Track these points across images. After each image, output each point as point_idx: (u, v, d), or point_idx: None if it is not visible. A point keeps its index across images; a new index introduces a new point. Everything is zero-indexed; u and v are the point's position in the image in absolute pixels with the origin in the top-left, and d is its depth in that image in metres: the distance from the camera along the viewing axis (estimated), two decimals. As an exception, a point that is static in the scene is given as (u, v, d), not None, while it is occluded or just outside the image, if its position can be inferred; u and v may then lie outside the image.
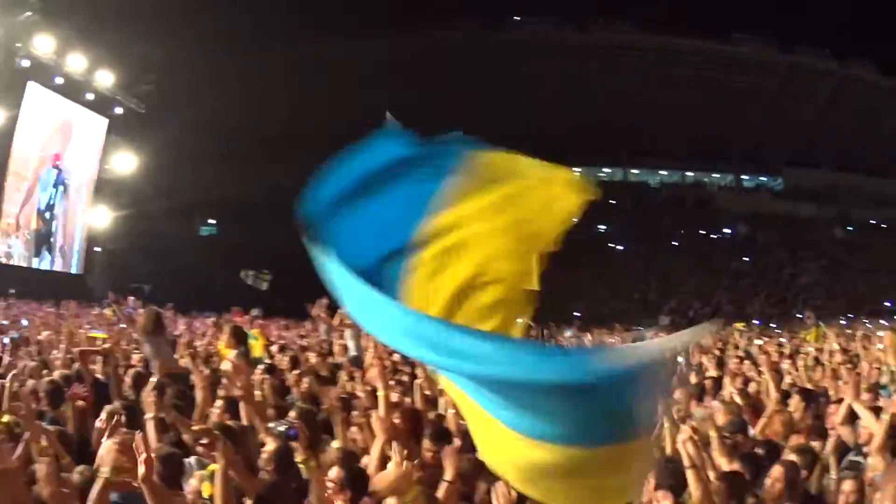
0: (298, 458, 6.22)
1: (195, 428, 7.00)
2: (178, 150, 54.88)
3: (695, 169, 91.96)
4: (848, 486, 5.91)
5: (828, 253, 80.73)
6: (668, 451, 6.78)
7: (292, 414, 7.66)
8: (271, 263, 36.07)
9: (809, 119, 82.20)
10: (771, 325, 48.38)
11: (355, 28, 67.50)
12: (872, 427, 6.81)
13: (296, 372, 11.27)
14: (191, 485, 6.27)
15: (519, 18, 77.95)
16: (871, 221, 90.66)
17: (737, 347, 19.82)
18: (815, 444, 7.45)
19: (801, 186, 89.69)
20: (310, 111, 67.05)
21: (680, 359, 17.54)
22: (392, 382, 9.15)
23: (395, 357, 11.62)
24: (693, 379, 12.69)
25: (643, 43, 78.55)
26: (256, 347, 13.96)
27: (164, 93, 50.75)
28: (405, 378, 10.73)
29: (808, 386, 10.95)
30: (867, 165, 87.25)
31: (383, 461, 6.30)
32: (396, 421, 7.47)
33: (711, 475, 5.93)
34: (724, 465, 6.57)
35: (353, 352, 15.08)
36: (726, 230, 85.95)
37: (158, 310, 13.71)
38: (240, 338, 12.46)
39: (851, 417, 7.52)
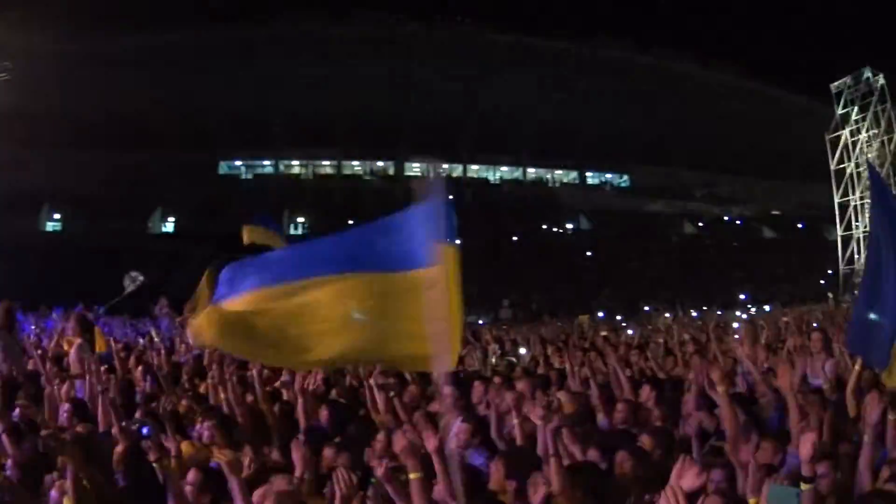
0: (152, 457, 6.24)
1: (43, 434, 6.98)
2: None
3: (537, 165, 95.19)
4: (716, 474, 5.92)
5: (677, 248, 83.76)
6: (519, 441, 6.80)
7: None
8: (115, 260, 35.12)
9: (660, 118, 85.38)
10: (617, 317, 49.69)
11: (178, 19, 67.18)
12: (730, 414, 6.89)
13: (140, 370, 11.64)
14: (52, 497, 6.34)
15: (351, 13, 79.28)
16: (725, 218, 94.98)
17: (583, 339, 20.06)
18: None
19: (649, 184, 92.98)
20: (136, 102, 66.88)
21: (523, 351, 17.66)
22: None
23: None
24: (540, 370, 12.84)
25: (491, 40, 79.87)
26: (100, 342, 13.56)
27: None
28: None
29: (661, 375, 11.15)
30: (719, 164, 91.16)
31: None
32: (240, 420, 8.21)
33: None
34: (578, 454, 6.56)
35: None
36: (569, 225, 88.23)
37: (10, 303, 12.89)
38: (84, 326, 12.72)
39: (709, 405, 7.61)
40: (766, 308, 55.93)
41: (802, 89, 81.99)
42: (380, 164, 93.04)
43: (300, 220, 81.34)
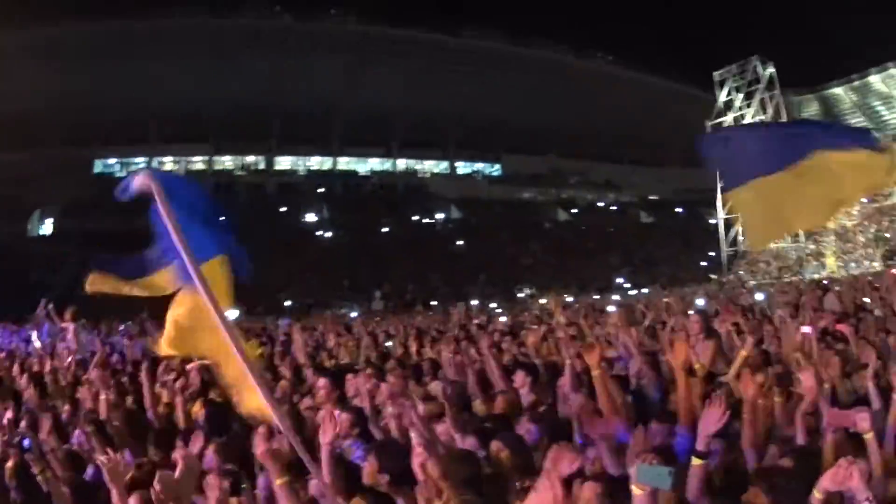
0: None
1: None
2: None
3: (407, 156, 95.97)
4: (593, 452, 6.04)
5: (551, 234, 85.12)
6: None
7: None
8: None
9: (534, 107, 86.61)
10: (491, 304, 50.21)
11: (56, 15, 67.41)
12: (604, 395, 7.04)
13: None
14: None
15: (225, 7, 79.15)
16: (599, 204, 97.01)
17: (463, 328, 20.20)
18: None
19: (521, 172, 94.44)
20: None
21: (389, 344, 17.73)
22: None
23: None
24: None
25: (362, 32, 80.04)
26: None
27: None
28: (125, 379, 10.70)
29: (537, 361, 11.27)
30: (594, 152, 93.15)
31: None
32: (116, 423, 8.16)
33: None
34: (459, 441, 6.62)
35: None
36: (440, 215, 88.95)
37: None
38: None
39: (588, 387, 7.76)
40: (645, 291, 57.35)
41: (684, 78, 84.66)
42: (250, 158, 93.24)
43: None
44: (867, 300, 18.26)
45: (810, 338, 9.53)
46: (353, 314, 48.58)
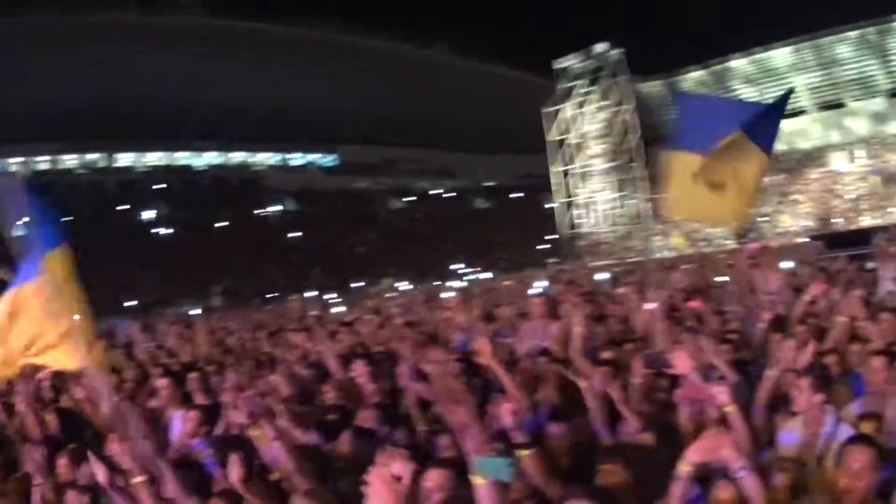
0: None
1: None
2: None
3: (241, 150, 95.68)
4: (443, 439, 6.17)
5: (386, 224, 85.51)
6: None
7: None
8: None
9: (369, 97, 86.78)
10: (328, 296, 50.19)
11: None
12: (443, 383, 7.19)
13: None
14: None
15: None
16: (434, 192, 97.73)
17: (300, 320, 20.15)
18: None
19: (357, 162, 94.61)
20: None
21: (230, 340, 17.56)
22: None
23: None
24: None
25: (202, 25, 78.99)
26: None
27: None
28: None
29: (377, 349, 11.38)
30: (430, 140, 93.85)
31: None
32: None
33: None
34: (301, 436, 6.67)
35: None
36: (275, 207, 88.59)
37: None
38: None
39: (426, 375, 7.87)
40: (483, 277, 58.05)
41: (529, 66, 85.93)
42: (91, 156, 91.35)
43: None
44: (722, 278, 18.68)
45: (655, 314, 9.86)
46: (194, 311, 47.92)
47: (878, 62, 76.01)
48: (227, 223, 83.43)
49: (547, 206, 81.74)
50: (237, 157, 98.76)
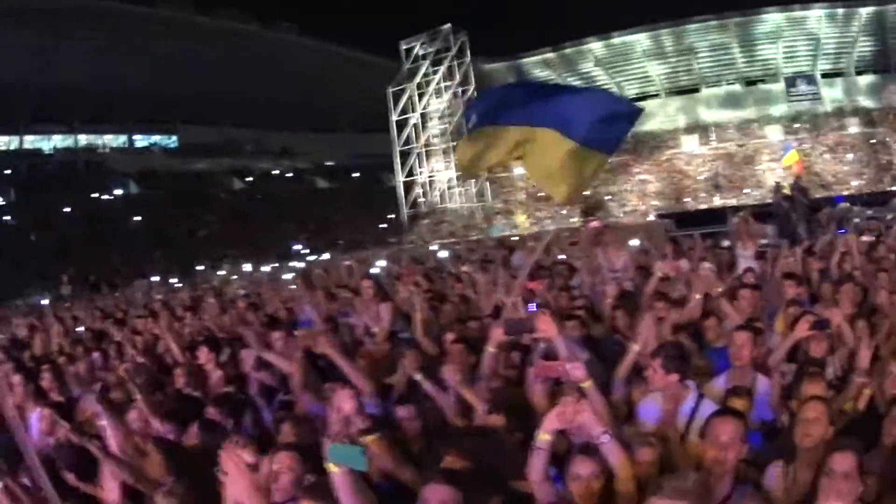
0: None
1: None
2: None
3: (88, 132, 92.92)
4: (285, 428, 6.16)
5: (227, 205, 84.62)
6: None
7: None
8: None
9: (210, 77, 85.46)
10: (171, 280, 49.48)
11: None
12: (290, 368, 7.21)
13: None
14: None
15: None
16: (274, 172, 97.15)
17: (145, 307, 19.83)
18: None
19: (197, 143, 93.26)
20: None
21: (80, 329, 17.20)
22: None
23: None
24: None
25: (51, 6, 76.42)
26: None
27: None
28: None
29: (221, 335, 11.25)
30: (271, 120, 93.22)
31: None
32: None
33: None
34: (158, 427, 6.58)
35: None
36: (117, 191, 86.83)
37: None
38: None
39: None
40: (325, 256, 57.95)
41: (374, 47, 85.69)
42: None
43: None
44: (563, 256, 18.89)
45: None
46: (44, 301, 46.67)
47: (738, 51, 78.61)
48: (70, 209, 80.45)
49: (389, 185, 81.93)
50: (83, 140, 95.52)
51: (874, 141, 74.55)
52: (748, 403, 5.90)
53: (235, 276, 40.27)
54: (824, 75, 79.39)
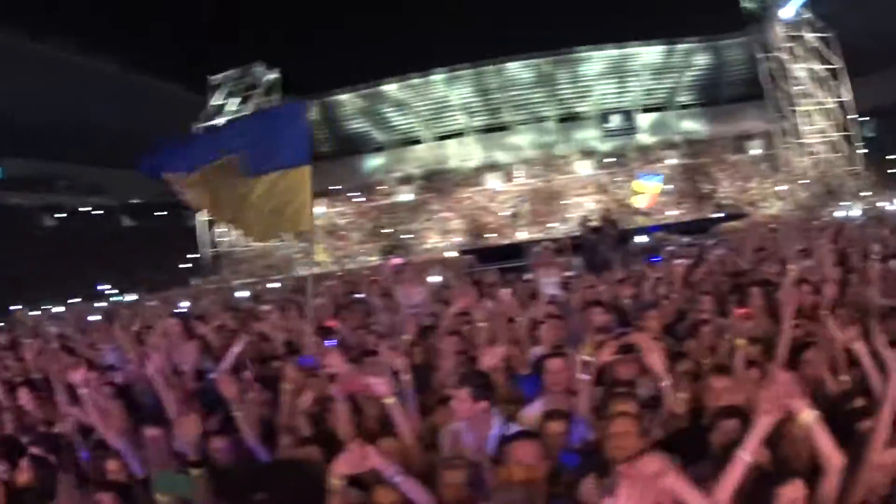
0: None
1: None
2: None
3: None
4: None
5: (39, 242, 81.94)
6: None
7: None
8: None
9: (27, 109, 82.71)
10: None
11: None
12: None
13: None
14: None
15: None
16: (83, 209, 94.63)
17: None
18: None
19: (19, 176, 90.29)
20: None
21: None
22: None
23: None
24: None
25: None
26: None
27: None
28: None
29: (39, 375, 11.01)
30: (85, 154, 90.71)
31: None
32: None
33: None
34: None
35: None
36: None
37: None
38: None
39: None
40: (131, 297, 56.87)
41: (187, 82, 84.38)
42: None
43: None
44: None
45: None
46: None
47: (552, 89, 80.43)
48: None
49: (192, 224, 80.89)
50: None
51: (695, 171, 77.19)
52: (565, 425, 6.07)
53: (48, 317, 39.03)
54: (645, 110, 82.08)
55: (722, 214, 59.78)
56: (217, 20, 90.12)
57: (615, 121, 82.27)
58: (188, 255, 77.19)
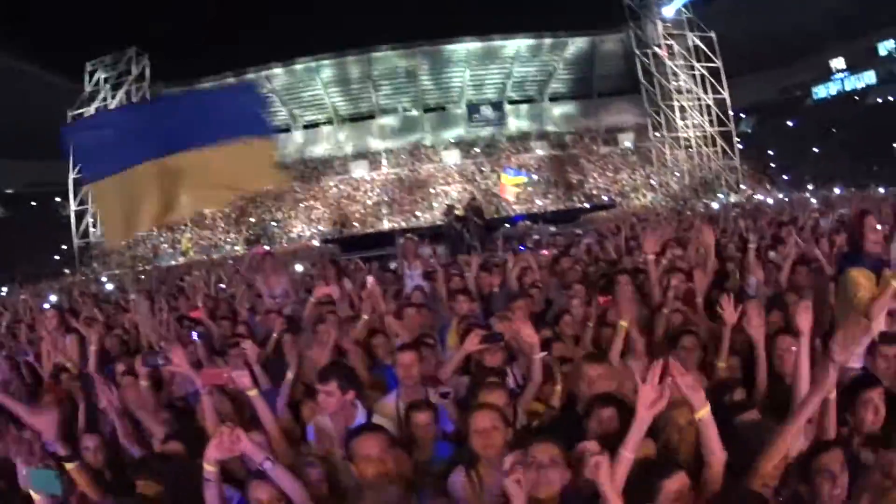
0: None
1: None
2: None
3: None
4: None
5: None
6: None
7: None
8: None
9: None
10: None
11: None
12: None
13: None
14: None
15: None
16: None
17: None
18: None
19: None
20: None
21: None
22: None
23: None
24: None
25: None
26: None
27: None
28: None
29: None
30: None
31: None
32: None
33: None
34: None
35: None
36: None
37: None
38: None
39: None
40: (3, 290, 55.41)
41: (59, 67, 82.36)
42: None
43: None
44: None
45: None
46: None
47: (422, 79, 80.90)
48: None
49: (65, 214, 79.15)
50: None
51: (564, 162, 78.07)
52: (431, 416, 5.98)
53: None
54: (513, 101, 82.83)
55: (588, 205, 60.83)
56: (92, 4, 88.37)
57: (484, 111, 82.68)
58: (63, 247, 75.26)
